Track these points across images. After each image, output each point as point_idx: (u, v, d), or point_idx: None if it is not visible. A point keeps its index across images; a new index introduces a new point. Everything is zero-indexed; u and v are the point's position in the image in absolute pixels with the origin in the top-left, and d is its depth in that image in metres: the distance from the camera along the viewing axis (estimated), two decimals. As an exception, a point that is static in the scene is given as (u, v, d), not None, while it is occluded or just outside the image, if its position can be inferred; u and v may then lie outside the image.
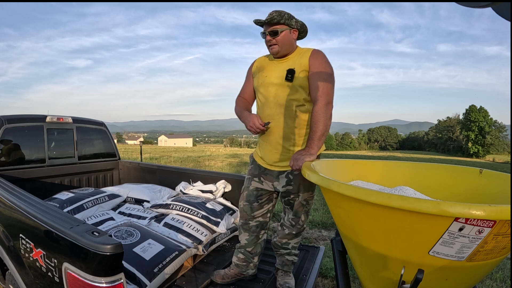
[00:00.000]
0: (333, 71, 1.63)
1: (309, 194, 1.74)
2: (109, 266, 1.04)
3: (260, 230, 1.89)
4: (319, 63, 1.61)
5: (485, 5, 0.63)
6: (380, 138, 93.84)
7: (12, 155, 2.67)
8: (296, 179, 1.70)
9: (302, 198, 1.73)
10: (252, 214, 1.84)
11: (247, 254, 1.88)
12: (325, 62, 1.62)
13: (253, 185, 1.82)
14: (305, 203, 1.75)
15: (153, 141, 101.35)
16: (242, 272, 1.89)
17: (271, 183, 1.76)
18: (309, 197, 1.75)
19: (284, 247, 1.85)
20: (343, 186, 0.94)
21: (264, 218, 1.88)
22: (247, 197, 1.84)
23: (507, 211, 0.73)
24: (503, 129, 63.02)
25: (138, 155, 16.02)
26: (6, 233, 1.57)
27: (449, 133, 70.20)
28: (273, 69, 1.71)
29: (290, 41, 1.66)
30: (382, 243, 0.99)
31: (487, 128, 60.64)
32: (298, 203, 1.74)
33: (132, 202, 2.69)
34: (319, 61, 1.61)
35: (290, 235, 1.83)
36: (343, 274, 1.39)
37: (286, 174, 1.71)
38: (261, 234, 1.91)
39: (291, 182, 1.70)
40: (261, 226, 1.88)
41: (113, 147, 3.58)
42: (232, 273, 1.89)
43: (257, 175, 1.81)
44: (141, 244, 1.76)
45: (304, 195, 1.73)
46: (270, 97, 1.69)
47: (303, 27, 1.70)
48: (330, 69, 1.61)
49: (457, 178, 1.38)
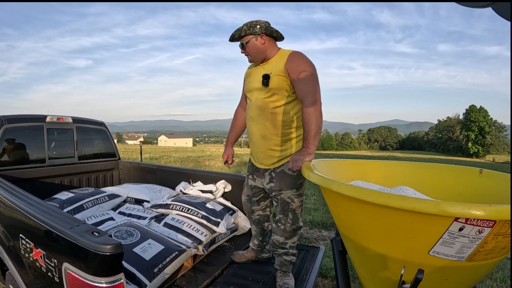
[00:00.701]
0: (313, 68, 1.67)
1: (292, 192, 1.77)
2: (109, 266, 1.04)
3: (263, 223, 2.08)
4: (297, 65, 1.66)
5: (485, 5, 0.64)
6: (380, 138, 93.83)
7: (12, 155, 2.67)
8: (277, 177, 1.78)
9: (285, 196, 1.78)
10: (252, 208, 2.05)
11: (259, 242, 2.10)
12: (303, 62, 1.67)
13: (249, 182, 2.01)
14: (289, 201, 1.78)
15: (153, 141, 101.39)
16: (258, 255, 2.11)
17: (261, 180, 1.90)
18: (293, 195, 1.78)
19: (281, 246, 1.88)
20: (343, 186, 0.94)
21: (264, 212, 2.05)
22: (247, 192, 2.05)
23: (507, 211, 0.73)
24: (503, 129, 62.98)
25: (138, 155, 16.02)
26: (6, 233, 1.57)
27: (449, 133, 70.17)
28: (255, 75, 1.81)
29: (258, 47, 1.75)
30: (382, 243, 0.99)
31: (487, 128, 60.61)
32: (282, 200, 1.80)
33: (132, 202, 2.69)
34: (296, 64, 1.66)
35: (285, 233, 1.85)
36: (343, 274, 1.39)
37: (269, 172, 1.82)
38: (266, 226, 2.10)
39: (273, 179, 1.80)
40: (263, 219, 2.06)
41: (113, 147, 3.57)
42: (248, 256, 2.11)
43: (251, 173, 1.99)
44: (141, 244, 1.76)
45: (287, 193, 1.77)
46: (252, 100, 1.82)
47: (267, 29, 1.74)
48: (309, 68, 1.66)
49: (457, 178, 1.39)
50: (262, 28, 1.72)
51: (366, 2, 4.48)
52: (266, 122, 1.75)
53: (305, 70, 1.64)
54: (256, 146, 1.84)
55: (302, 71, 1.64)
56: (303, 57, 1.69)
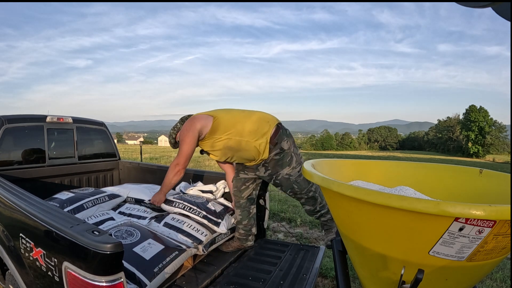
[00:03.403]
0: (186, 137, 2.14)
1: (287, 169, 2.14)
2: (109, 265, 1.04)
3: (250, 205, 2.38)
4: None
5: (485, 5, 0.64)
6: (380, 138, 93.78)
7: (12, 155, 2.67)
8: (270, 164, 2.16)
9: (284, 173, 2.15)
10: (241, 195, 2.35)
11: (245, 228, 2.34)
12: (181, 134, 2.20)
13: (240, 176, 2.36)
14: (288, 177, 2.15)
15: (153, 141, 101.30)
16: (243, 244, 2.34)
17: (254, 173, 2.27)
18: (289, 171, 2.15)
19: (313, 212, 2.30)
20: (343, 186, 0.94)
21: (250, 195, 2.38)
22: (236, 183, 2.39)
23: (507, 211, 0.73)
24: (503, 129, 62.97)
25: (138, 155, 16.01)
26: (6, 233, 1.57)
27: (449, 133, 70.14)
28: None
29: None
30: (382, 243, 0.99)
31: (487, 128, 60.60)
32: (282, 179, 2.17)
33: (132, 202, 2.69)
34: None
35: (306, 202, 2.26)
36: (343, 274, 1.40)
37: (262, 164, 2.18)
38: (251, 209, 2.40)
39: (268, 168, 2.17)
40: (249, 202, 2.38)
41: (113, 147, 3.57)
42: (234, 245, 2.34)
43: (243, 170, 2.35)
44: (141, 244, 1.76)
45: (284, 171, 2.15)
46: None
47: (183, 120, 2.30)
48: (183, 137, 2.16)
49: (457, 178, 1.38)
50: (180, 125, 2.30)
51: (366, 2, 4.47)
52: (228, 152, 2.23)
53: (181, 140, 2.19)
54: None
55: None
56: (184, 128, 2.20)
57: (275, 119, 2.21)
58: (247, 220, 2.35)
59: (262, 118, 2.17)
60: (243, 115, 2.18)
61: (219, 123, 2.14)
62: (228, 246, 2.33)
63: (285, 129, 2.20)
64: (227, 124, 2.13)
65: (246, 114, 2.20)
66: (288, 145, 2.14)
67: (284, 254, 2.29)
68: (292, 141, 2.21)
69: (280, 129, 2.15)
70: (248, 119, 2.15)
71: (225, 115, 2.19)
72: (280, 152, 2.11)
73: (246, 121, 2.14)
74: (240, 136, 2.10)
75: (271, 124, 2.14)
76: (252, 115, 2.18)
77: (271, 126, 2.13)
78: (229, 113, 2.23)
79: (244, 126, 2.12)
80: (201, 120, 2.15)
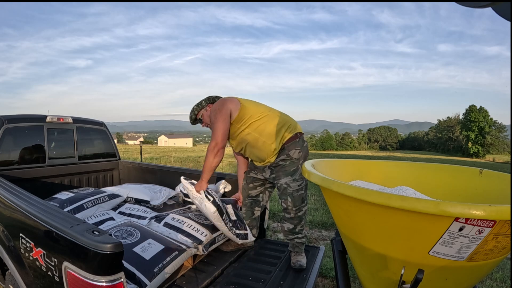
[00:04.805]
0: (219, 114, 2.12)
1: (288, 178, 2.12)
2: (109, 265, 1.04)
3: (254, 207, 2.41)
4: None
5: (485, 5, 0.64)
6: (380, 138, 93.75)
7: (12, 155, 2.67)
8: (276, 169, 2.18)
9: (283, 182, 2.13)
10: (248, 192, 2.40)
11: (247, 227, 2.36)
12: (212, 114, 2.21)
13: (251, 174, 2.38)
14: (286, 186, 2.12)
15: (153, 141, 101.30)
16: (244, 243, 2.34)
17: (261, 174, 2.31)
18: (289, 181, 2.11)
19: (292, 232, 2.21)
20: (343, 186, 0.94)
21: (257, 197, 2.40)
22: (246, 180, 2.42)
23: (507, 211, 0.73)
24: (503, 129, 62.95)
25: (138, 155, 16.02)
26: (6, 233, 1.57)
27: (449, 133, 70.11)
28: None
29: (209, 116, 2.27)
30: (382, 243, 0.99)
31: (487, 128, 60.56)
32: (281, 186, 2.15)
33: (132, 202, 2.69)
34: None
35: (292, 220, 2.18)
36: (343, 274, 1.40)
37: (268, 167, 2.23)
38: (256, 210, 2.42)
39: (273, 172, 2.20)
40: (254, 203, 2.40)
41: (113, 147, 3.57)
42: (234, 244, 2.33)
43: (253, 169, 2.37)
44: (141, 244, 1.76)
45: (284, 179, 2.13)
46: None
47: (209, 99, 2.32)
48: (214, 116, 2.15)
49: (457, 178, 1.39)
50: (207, 101, 2.31)
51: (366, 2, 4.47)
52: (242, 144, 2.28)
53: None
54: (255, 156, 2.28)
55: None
56: (214, 107, 2.20)
57: (298, 128, 2.21)
58: (250, 221, 2.40)
59: (286, 123, 2.17)
60: (268, 115, 2.18)
61: (245, 113, 2.13)
62: (228, 246, 2.34)
63: (303, 140, 2.18)
64: (252, 117, 2.14)
65: (272, 114, 2.18)
66: (297, 156, 2.11)
67: (284, 254, 2.29)
68: (305, 155, 2.17)
69: (297, 138, 2.15)
70: (272, 120, 2.15)
71: (252, 107, 2.18)
72: (286, 159, 2.11)
73: (269, 121, 2.14)
74: (260, 134, 2.12)
75: (291, 131, 2.15)
76: (277, 117, 2.17)
77: (290, 133, 2.14)
78: (257, 106, 2.22)
79: (266, 126, 2.13)
80: (233, 103, 2.14)
